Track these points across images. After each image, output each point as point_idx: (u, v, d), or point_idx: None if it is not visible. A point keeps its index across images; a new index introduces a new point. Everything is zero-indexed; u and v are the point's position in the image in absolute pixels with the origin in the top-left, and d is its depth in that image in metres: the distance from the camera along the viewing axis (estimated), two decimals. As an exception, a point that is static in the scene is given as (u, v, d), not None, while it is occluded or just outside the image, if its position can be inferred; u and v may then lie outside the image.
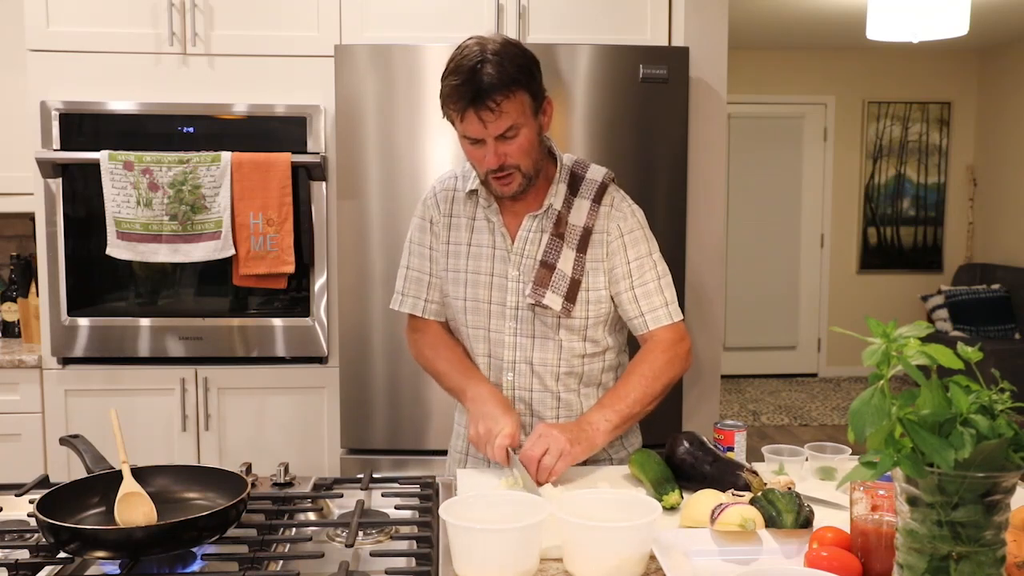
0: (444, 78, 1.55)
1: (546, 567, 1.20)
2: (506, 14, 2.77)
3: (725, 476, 1.45)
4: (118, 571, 1.21)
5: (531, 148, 1.61)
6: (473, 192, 1.71)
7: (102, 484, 1.36)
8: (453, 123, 1.60)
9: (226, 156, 2.68)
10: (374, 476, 1.63)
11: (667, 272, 1.73)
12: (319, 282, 2.82)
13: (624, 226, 1.69)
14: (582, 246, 1.66)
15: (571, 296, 1.65)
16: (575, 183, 1.70)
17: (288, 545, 1.35)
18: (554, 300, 1.64)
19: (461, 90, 1.51)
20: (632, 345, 1.81)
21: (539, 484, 1.51)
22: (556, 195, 1.68)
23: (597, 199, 1.69)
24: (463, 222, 1.73)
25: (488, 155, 1.57)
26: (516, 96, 1.54)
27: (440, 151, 2.61)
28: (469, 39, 1.57)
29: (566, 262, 1.65)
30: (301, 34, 2.78)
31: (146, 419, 2.81)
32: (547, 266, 1.64)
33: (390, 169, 2.62)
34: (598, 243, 1.68)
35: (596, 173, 1.72)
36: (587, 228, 1.67)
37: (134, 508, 1.30)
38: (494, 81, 1.50)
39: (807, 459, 1.58)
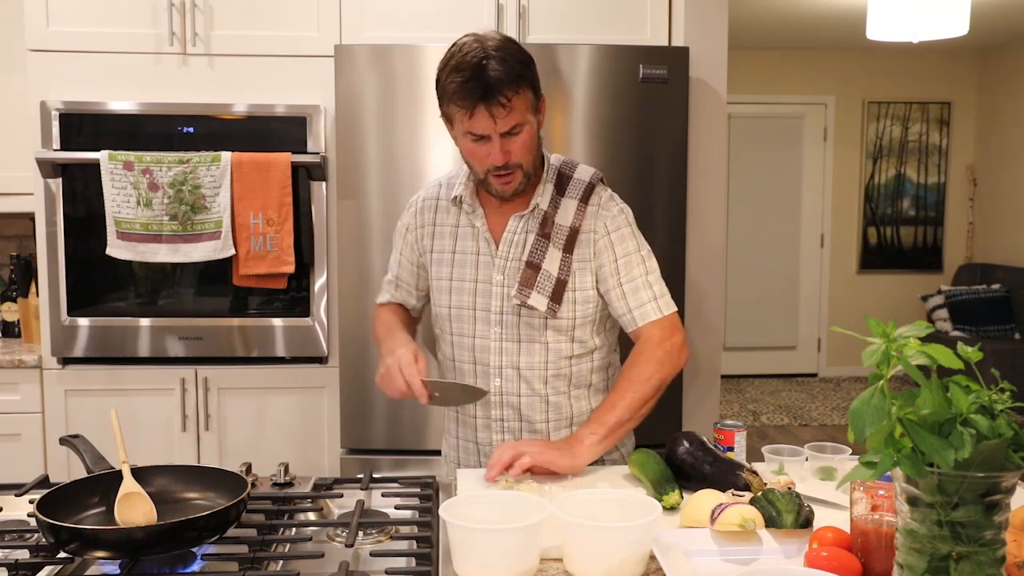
0: (446, 75, 1.54)
1: (546, 567, 1.20)
2: (506, 14, 2.78)
3: (725, 476, 1.45)
4: (118, 571, 1.20)
5: (533, 145, 1.62)
6: (457, 199, 1.71)
7: (102, 484, 1.36)
8: (452, 121, 1.60)
9: (226, 156, 2.68)
10: (374, 476, 1.63)
11: (656, 268, 1.71)
12: (319, 282, 2.82)
13: (611, 224, 1.68)
14: (568, 246, 1.66)
15: (556, 296, 1.64)
16: (562, 183, 1.69)
17: (288, 545, 1.35)
18: (539, 300, 1.63)
19: (469, 86, 1.51)
20: (624, 343, 1.81)
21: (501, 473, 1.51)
22: (543, 195, 1.68)
23: (584, 199, 1.68)
24: (447, 230, 1.73)
25: (494, 152, 1.57)
26: (522, 92, 1.55)
27: (440, 151, 2.61)
28: (465, 36, 1.57)
29: (552, 262, 1.64)
30: (301, 34, 2.78)
31: (146, 419, 2.81)
32: (532, 266, 1.64)
33: (390, 169, 2.62)
34: (585, 243, 1.67)
35: (584, 173, 1.71)
36: (574, 228, 1.66)
37: (134, 508, 1.30)
38: (502, 77, 1.50)
39: (807, 459, 1.58)
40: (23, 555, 1.27)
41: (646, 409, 1.65)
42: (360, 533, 1.36)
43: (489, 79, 1.50)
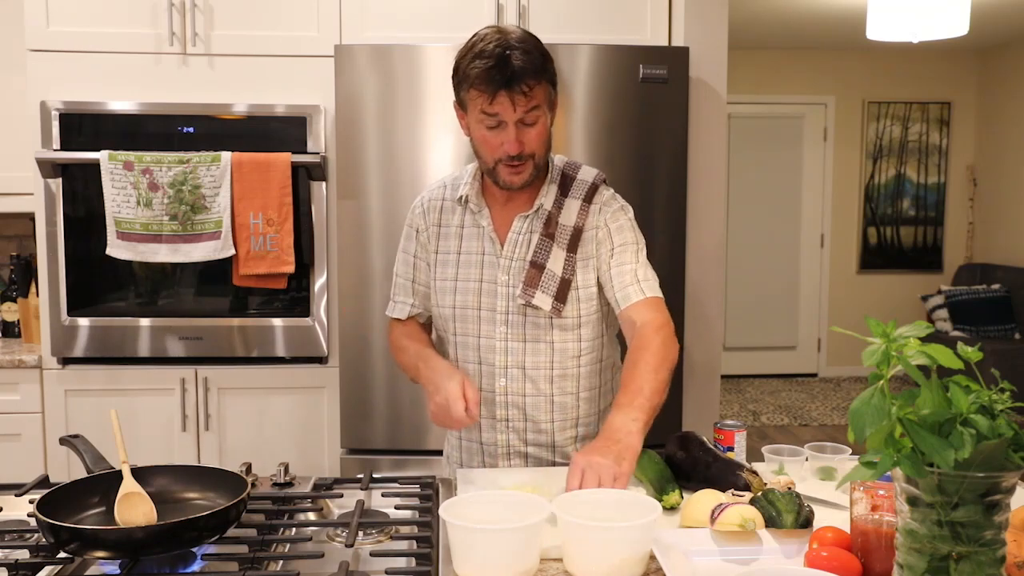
0: (468, 62, 1.55)
1: (546, 567, 1.20)
2: (506, 14, 2.78)
3: (725, 476, 1.45)
4: (118, 571, 1.20)
5: (546, 138, 1.63)
6: (463, 199, 1.71)
7: (102, 484, 1.36)
8: (466, 108, 1.60)
9: (226, 156, 2.68)
10: (374, 476, 1.63)
11: (646, 260, 1.70)
12: (319, 282, 2.82)
13: (611, 219, 1.70)
14: (572, 246, 1.67)
15: (561, 296, 1.65)
16: (566, 184, 1.71)
17: (288, 545, 1.35)
18: (544, 300, 1.64)
19: (492, 72, 1.52)
20: (623, 343, 1.81)
21: None
22: (547, 195, 1.69)
23: (588, 199, 1.69)
24: (452, 231, 1.73)
25: (508, 140, 1.57)
26: (542, 84, 1.57)
27: (440, 151, 2.61)
28: (486, 28, 1.59)
29: (556, 262, 1.65)
30: (301, 34, 2.78)
31: (146, 419, 2.81)
32: (536, 266, 1.65)
33: (390, 169, 2.62)
34: (588, 240, 1.69)
35: (587, 174, 1.73)
36: (577, 227, 1.68)
37: (134, 508, 1.30)
38: (526, 66, 1.53)
39: (807, 459, 1.58)
40: (23, 555, 1.27)
41: (663, 399, 1.58)
42: (360, 533, 1.36)
43: (513, 67, 1.51)
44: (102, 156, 2.66)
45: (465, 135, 1.66)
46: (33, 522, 1.30)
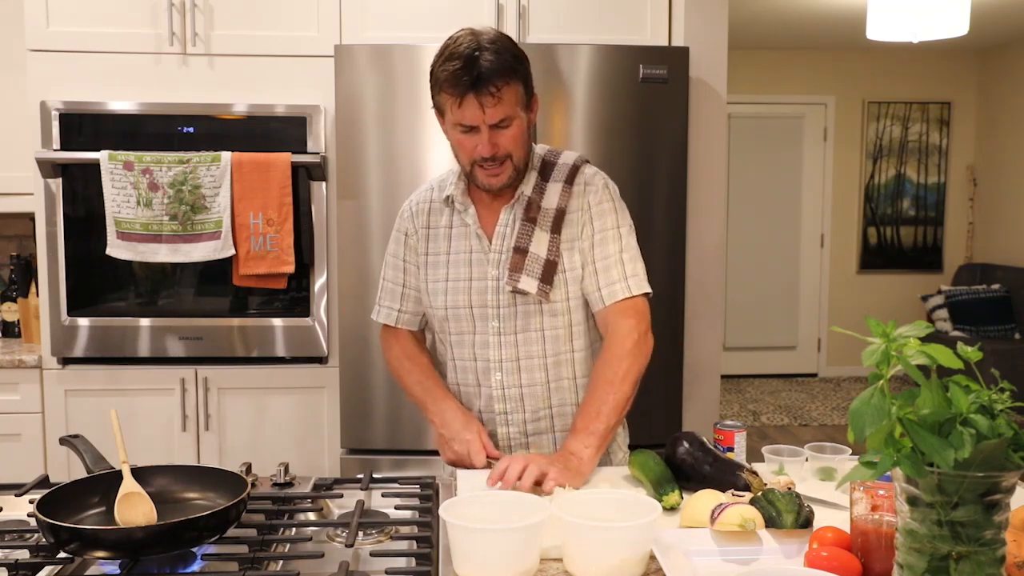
0: (439, 64, 1.56)
1: (546, 567, 1.20)
2: (506, 14, 2.78)
3: (725, 476, 1.45)
4: (118, 571, 1.20)
5: (523, 139, 1.62)
6: (448, 199, 1.71)
7: (102, 484, 1.36)
8: (443, 112, 1.60)
9: (226, 156, 2.68)
10: (374, 476, 1.63)
11: (633, 246, 1.69)
12: (319, 282, 2.82)
13: (593, 199, 1.68)
14: (556, 227, 1.66)
15: (547, 278, 1.64)
16: (546, 170, 1.71)
17: (288, 545, 1.35)
18: (529, 284, 1.63)
19: (460, 74, 1.52)
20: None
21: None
22: (527, 183, 1.68)
23: (569, 180, 1.68)
24: (441, 232, 1.73)
25: (482, 143, 1.57)
26: (513, 85, 1.56)
27: (440, 151, 2.61)
28: (460, 30, 1.59)
29: (539, 245, 1.64)
30: (301, 34, 2.78)
31: (146, 419, 2.81)
32: (520, 251, 1.64)
33: (390, 169, 2.62)
34: (573, 222, 1.68)
35: (568, 158, 1.72)
36: (560, 209, 1.66)
37: (134, 508, 1.30)
38: (494, 67, 1.52)
39: (807, 459, 1.58)
40: (23, 555, 1.27)
41: (628, 407, 1.64)
42: (360, 533, 1.36)
43: (481, 69, 1.51)
44: (102, 156, 2.66)
45: (447, 138, 1.66)
46: (33, 522, 1.30)
